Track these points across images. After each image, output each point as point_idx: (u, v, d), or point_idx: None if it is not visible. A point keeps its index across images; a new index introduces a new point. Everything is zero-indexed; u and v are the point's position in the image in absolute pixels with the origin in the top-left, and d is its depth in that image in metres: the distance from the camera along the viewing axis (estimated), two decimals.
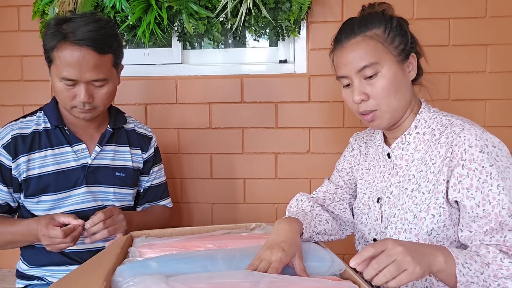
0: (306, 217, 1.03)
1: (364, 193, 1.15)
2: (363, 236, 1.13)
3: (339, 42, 1.04)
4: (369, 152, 1.19)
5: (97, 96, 1.22)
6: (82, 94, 1.18)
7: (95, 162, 1.31)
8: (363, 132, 1.27)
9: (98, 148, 1.32)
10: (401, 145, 1.06)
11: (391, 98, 0.99)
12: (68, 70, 1.16)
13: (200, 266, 0.83)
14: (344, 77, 1.04)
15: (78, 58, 1.15)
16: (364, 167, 1.19)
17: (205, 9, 1.67)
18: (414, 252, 0.77)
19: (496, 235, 0.87)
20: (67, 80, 1.17)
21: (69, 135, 1.29)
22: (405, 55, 1.01)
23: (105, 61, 1.20)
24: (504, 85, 1.71)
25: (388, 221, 1.03)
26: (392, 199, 1.04)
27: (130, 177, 1.38)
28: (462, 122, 0.96)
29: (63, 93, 1.20)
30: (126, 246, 0.99)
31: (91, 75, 1.17)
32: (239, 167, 1.82)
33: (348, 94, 1.05)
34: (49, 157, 1.26)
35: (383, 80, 0.98)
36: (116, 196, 1.34)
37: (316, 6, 1.71)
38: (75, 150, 1.29)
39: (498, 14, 1.68)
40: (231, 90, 1.78)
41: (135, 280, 0.73)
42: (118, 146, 1.38)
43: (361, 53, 0.99)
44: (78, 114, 1.24)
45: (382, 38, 1.00)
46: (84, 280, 0.84)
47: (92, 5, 1.66)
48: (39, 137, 1.27)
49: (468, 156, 0.90)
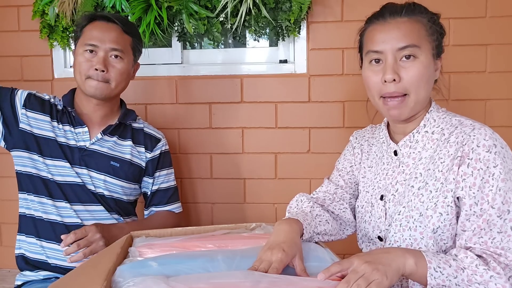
0: (306, 218, 1.03)
1: (366, 191, 1.14)
2: (366, 235, 1.12)
3: (381, 17, 1.00)
4: (372, 150, 1.18)
5: (111, 69, 1.32)
6: (99, 61, 1.29)
7: (93, 147, 1.36)
8: (364, 130, 1.25)
9: (99, 135, 1.37)
10: (409, 143, 1.05)
11: (421, 88, 0.98)
12: (91, 37, 1.31)
13: (200, 267, 0.83)
14: (377, 52, 0.99)
15: (103, 29, 1.32)
16: (366, 165, 1.18)
17: (205, 9, 1.67)
18: (380, 264, 0.79)
19: (484, 236, 0.88)
20: (89, 45, 1.30)
21: (75, 117, 1.37)
22: (438, 52, 1.01)
23: (125, 39, 1.35)
24: (504, 85, 1.71)
25: (392, 219, 1.02)
26: (397, 196, 1.04)
27: (124, 169, 1.39)
28: (472, 122, 0.97)
29: (82, 63, 1.31)
30: (126, 246, 0.99)
31: (111, 43, 1.31)
32: (239, 167, 1.82)
33: (375, 72, 1.00)
34: (48, 123, 1.35)
35: (420, 66, 0.96)
36: (106, 185, 1.36)
37: (316, 6, 1.71)
38: (77, 132, 1.36)
39: (498, 14, 1.67)
40: (231, 90, 1.78)
41: (136, 280, 0.73)
42: (120, 140, 1.41)
43: (406, 32, 0.96)
44: (90, 87, 1.31)
45: (426, 26, 0.99)
46: (84, 280, 0.84)
47: (92, 5, 1.66)
48: (49, 105, 1.37)
49: (475, 156, 0.90)
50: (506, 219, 0.87)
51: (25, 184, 1.34)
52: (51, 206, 1.32)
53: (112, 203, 1.37)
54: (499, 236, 0.87)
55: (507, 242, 0.86)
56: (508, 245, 0.86)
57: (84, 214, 1.33)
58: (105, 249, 1.05)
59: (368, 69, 1.02)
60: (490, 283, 0.82)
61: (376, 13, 1.03)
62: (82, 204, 1.33)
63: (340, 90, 1.75)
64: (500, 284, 0.82)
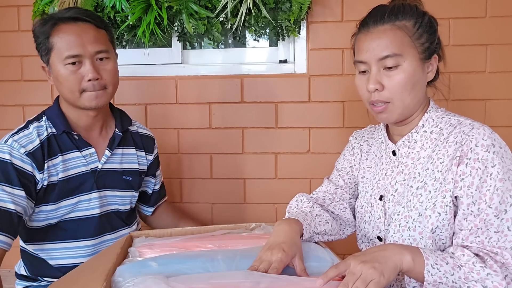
0: (306, 218, 1.03)
1: (366, 191, 1.14)
2: (366, 235, 1.12)
3: (365, 26, 1.01)
4: (371, 150, 1.18)
5: (104, 73, 1.20)
6: (90, 71, 1.16)
7: (105, 167, 1.28)
8: (363, 130, 1.26)
9: (108, 153, 1.29)
10: (407, 143, 1.05)
11: (406, 95, 0.98)
12: (70, 47, 1.15)
13: (200, 267, 0.83)
14: (363, 63, 1.01)
15: (78, 33, 1.16)
16: (365, 166, 1.18)
17: (205, 9, 1.66)
18: (376, 262, 0.79)
19: (481, 235, 0.88)
20: (71, 58, 1.15)
21: (78, 140, 1.24)
22: (428, 54, 1.00)
23: (102, 35, 1.22)
24: (504, 85, 1.70)
25: (392, 219, 1.03)
26: (396, 196, 1.04)
27: (136, 180, 1.37)
28: (471, 122, 0.97)
29: (69, 78, 1.17)
30: (126, 246, 0.99)
31: (93, 46, 1.17)
32: (239, 167, 1.82)
33: (362, 81, 1.03)
34: (59, 164, 1.21)
35: (402, 74, 0.97)
36: (123, 199, 1.33)
37: (316, 6, 1.71)
38: (84, 155, 1.25)
39: (498, 14, 1.67)
40: (231, 90, 1.78)
41: (136, 281, 0.73)
42: (125, 149, 1.36)
43: (387, 42, 0.97)
44: (89, 101, 1.19)
45: (411, 31, 0.98)
46: (84, 280, 0.84)
47: (92, 5, 1.66)
48: (48, 145, 1.20)
49: (473, 155, 0.91)
50: (503, 218, 0.87)
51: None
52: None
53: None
54: (495, 236, 0.87)
55: (504, 241, 0.87)
56: (504, 245, 0.86)
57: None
58: (105, 249, 1.05)
59: (358, 78, 1.06)
60: (486, 281, 0.82)
61: (362, 21, 1.04)
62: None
63: (340, 90, 1.75)
64: (496, 282, 0.82)
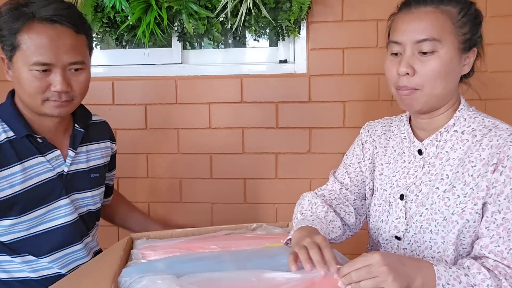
0: (322, 226, 1.01)
1: (384, 189, 1.08)
2: (381, 234, 1.06)
3: (407, 5, 0.96)
4: (389, 145, 1.11)
5: (75, 84, 1.06)
6: (59, 82, 1.01)
7: (72, 168, 1.16)
8: (377, 122, 1.18)
9: (72, 153, 1.15)
10: (436, 142, 0.99)
11: (438, 83, 0.92)
12: (41, 53, 0.99)
13: (208, 268, 0.82)
14: (397, 43, 0.95)
15: (53, 38, 1.00)
16: (383, 162, 1.11)
17: (205, 9, 1.66)
18: (397, 273, 0.77)
19: (501, 245, 0.85)
20: (40, 65, 1.00)
21: (42, 143, 1.10)
22: (468, 46, 0.94)
23: (81, 41, 1.06)
24: (503, 85, 1.71)
25: (412, 219, 0.98)
26: (420, 197, 0.99)
27: (103, 175, 1.27)
28: (508, 126, 0.93)
29: (32, 84, 1.01)
30: (128, 249, 0.98)
31: (68, 57, 1.02)
32: (239, 167, 1.82)
33: (393, 63, 0.97)
34: (17, 173, 1.06)
35: (438, 61, 0.91)
36: (94, 199, 1.22)
37: (316, 6, 1.71)
38: (49, 159, 1.11)
39: (498, 14, 1.67)
40: (231, 90, 1.78)
41: (144, 283, 0.73)
42: (89, 145, 1.23)
43: (427, 24, 0.91)
44: (52, 109, 1.05)
45: (455, 17, 0.92)
46: (87, 283, 0.84)
47: (92, 5, 1.65)
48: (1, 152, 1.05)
49: (509, 163, 0.87)
50: None
51: None
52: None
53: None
54: None
55: None
56: None
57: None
58: (105, 252, 1.04)
59: (388, 59, 1.00)
60: None
61: (404, 0, 0.98)
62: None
63: (340, 90, 1.75)
64: None
